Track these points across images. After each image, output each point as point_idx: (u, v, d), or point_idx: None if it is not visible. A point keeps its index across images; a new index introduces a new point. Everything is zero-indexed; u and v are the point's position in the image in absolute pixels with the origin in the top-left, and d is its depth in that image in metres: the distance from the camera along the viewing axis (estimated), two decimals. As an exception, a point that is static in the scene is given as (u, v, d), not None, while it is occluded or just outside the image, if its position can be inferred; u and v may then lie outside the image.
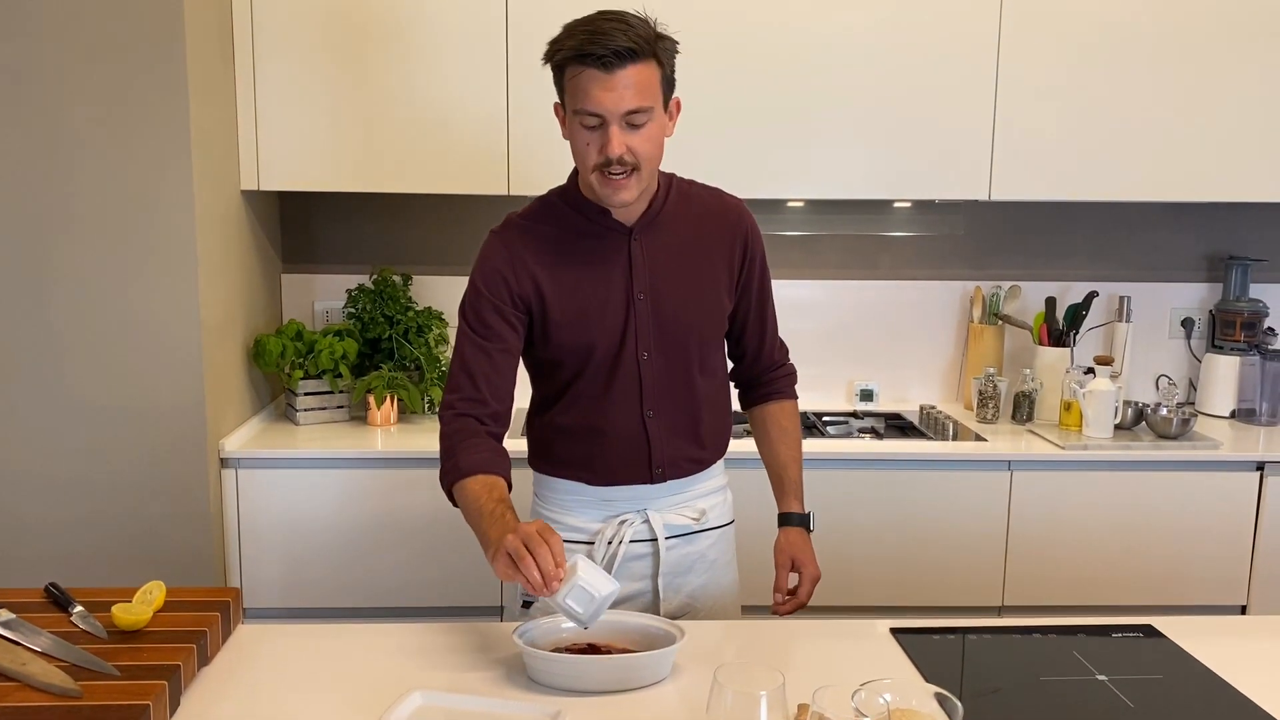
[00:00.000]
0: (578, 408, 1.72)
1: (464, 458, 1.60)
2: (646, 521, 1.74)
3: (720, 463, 1.84)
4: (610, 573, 1.71)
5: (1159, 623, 1.63)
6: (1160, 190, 2.75)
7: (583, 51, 1.51)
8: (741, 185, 2.67)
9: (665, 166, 1.72)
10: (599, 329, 1.67)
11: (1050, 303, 2.99)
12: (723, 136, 2.65)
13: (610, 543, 1.73)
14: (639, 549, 1.74)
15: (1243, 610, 2.65)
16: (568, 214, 1.70)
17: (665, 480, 1.74)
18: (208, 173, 2.40)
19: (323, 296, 3.03)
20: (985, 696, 1.41)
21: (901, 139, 2.68)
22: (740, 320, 1.82)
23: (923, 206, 3.02)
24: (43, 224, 2.30)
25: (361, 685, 1.40)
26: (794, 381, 1.92)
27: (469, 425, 1.63)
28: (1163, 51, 2.67)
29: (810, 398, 3.07)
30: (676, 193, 1.74)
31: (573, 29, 1.55)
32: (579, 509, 1.76)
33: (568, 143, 1.66)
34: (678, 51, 1.61)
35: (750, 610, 1.86)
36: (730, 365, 1.88)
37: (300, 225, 3.02)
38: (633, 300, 1.67)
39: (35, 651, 1.34)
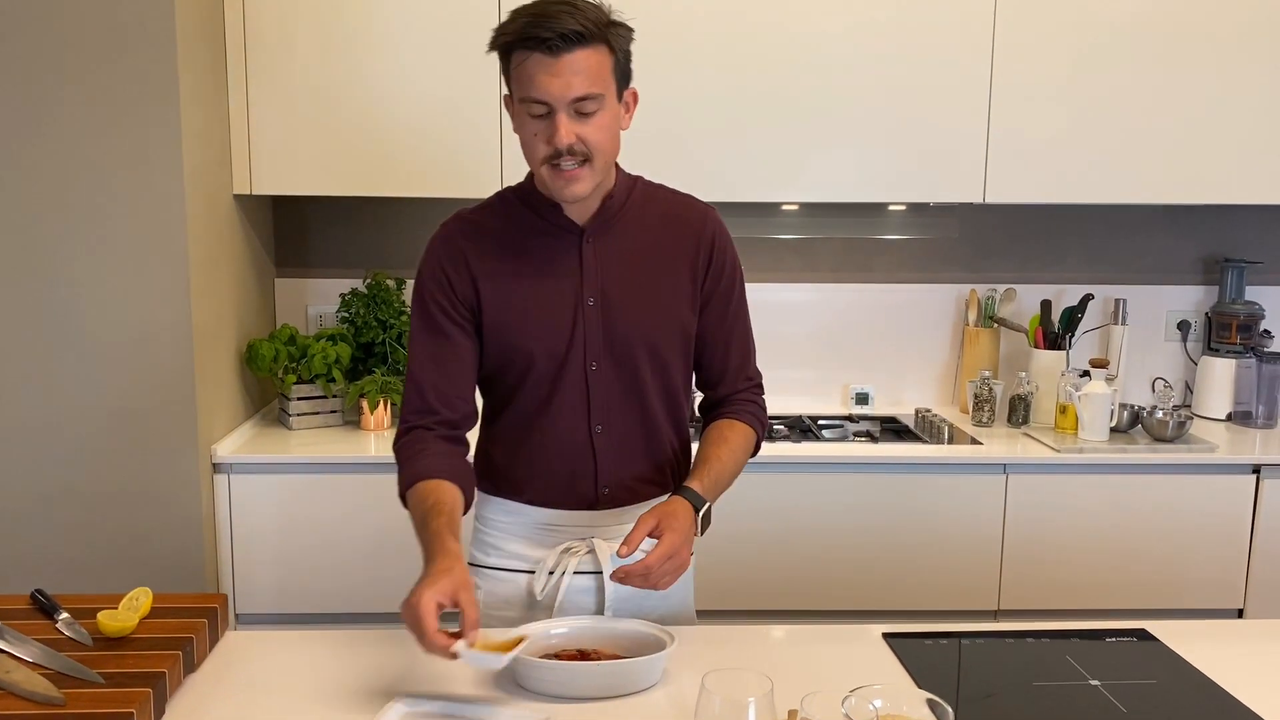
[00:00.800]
0: (521, 420, 1.62)
1: (404, 472, 1.55)
2: (592, 551, 1.61)
3: None
4: (555, 604, 1.59)
5: (1153, 627, 1.62)
6: (1156, 192, 2.74)
7: (526, 35, 1.44)
8: (736, 189, 2.69)
9: (656, 168, 1.70)
10: (542, 334, 1.57)
11: (1045, 305, 2.98)
12: (717, 140, 2.64)
13: (552, 573, 1.61)
14: (585, 580, 1.62)
15: (1239, 614, 2.64)
16: (518, 210, 1.61)
17: (613, 504, 1.63)
18: (199, 177, 2.39)
19: (316, 301, 3.02)
20: (977, 702, 1.40)
21: (896, 142, 2.68)
22: (699, 337, 1.67)
23: (917, 209, 3.01)
24: (34, 229, 2.29)
25: (351, 692, 1.39)
26: (758, 419, 1.71)
27: (416, 437, 1.57)
28: (1158, 54, 2.66)
29: (805, 401, 3.07)
30: (640, 194, 1.64)
31: (518, 13, 1.47)
32: (519, 534, 1.66)
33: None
34: (633, 39, 1.53)
35: (728, 615, 1.83)
36: (698, 396, 1.75)
37: (293, 229, 3.01)
38: (581, 305, 1.57)
39: (19, 659, 1.32)
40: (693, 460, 1.66)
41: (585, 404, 1.60)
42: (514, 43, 1.46)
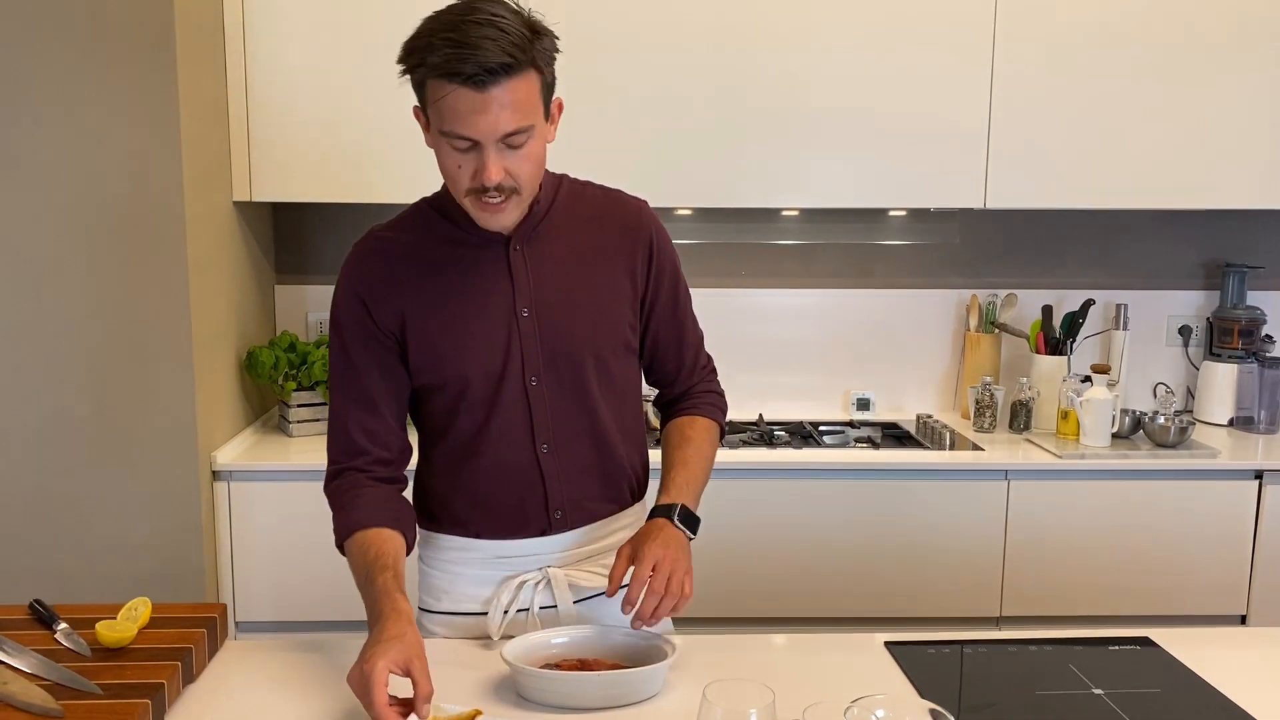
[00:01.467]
0: (459, 447, 1.53)
1: (339, 520, 1.49)
2: (548, 582, 1.54)
3: (639, 506, 1.64)
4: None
5: (1156, 635, 1.61)
6: (1157, 197, 2.74)
7: (450, 70, 1.31)
8: (736, 194, 2.68)
9: (657, 174, 1.69)
10: (475, 353, 1.48)
11: (1047, 311, 2.97)
12: (717, 146, 2.63)
13: (507, 611, 1.53)
14: (544, 616, 1.55)
15: (1243, 620, 2.63)
16: (437, 222, 1.51)
17: (568, 527, 1.56)
18: (199, 184, 2.39)
19: (316, 308, 3.01)
20: (980, 711, 1.39)
21: (896, 147, 2.67)
22: (651, 339, 1.60)
23: (918, 215, 3.00)
24: (32, 236, 2.28)
25: (350, 702, 1.38)
26: (717, 406, 1.67)
27: (350, 481, 1.50)
28: (1158, 58, 2.66)
29: (806, 407, 3.06)
30: (567, 194, 1.54)
31: (434, 33, 1.33)
32: (468, 572, 1.57)
33: (561, 148, 1.54)
34: (558, 50, 1.40)
35: (729, 623, 1.81)
36: (650, 394, 1.70)
37: (293, 236, 3.01)
38: (515, 318, 1.48)
39: (17, 670, 1.32)
40: (662, 470, 1.59)
41: (528, 423, 1.51)
42: (433, 75, 1.35)
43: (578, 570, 1.57)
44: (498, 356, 1.49)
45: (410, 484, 1.61)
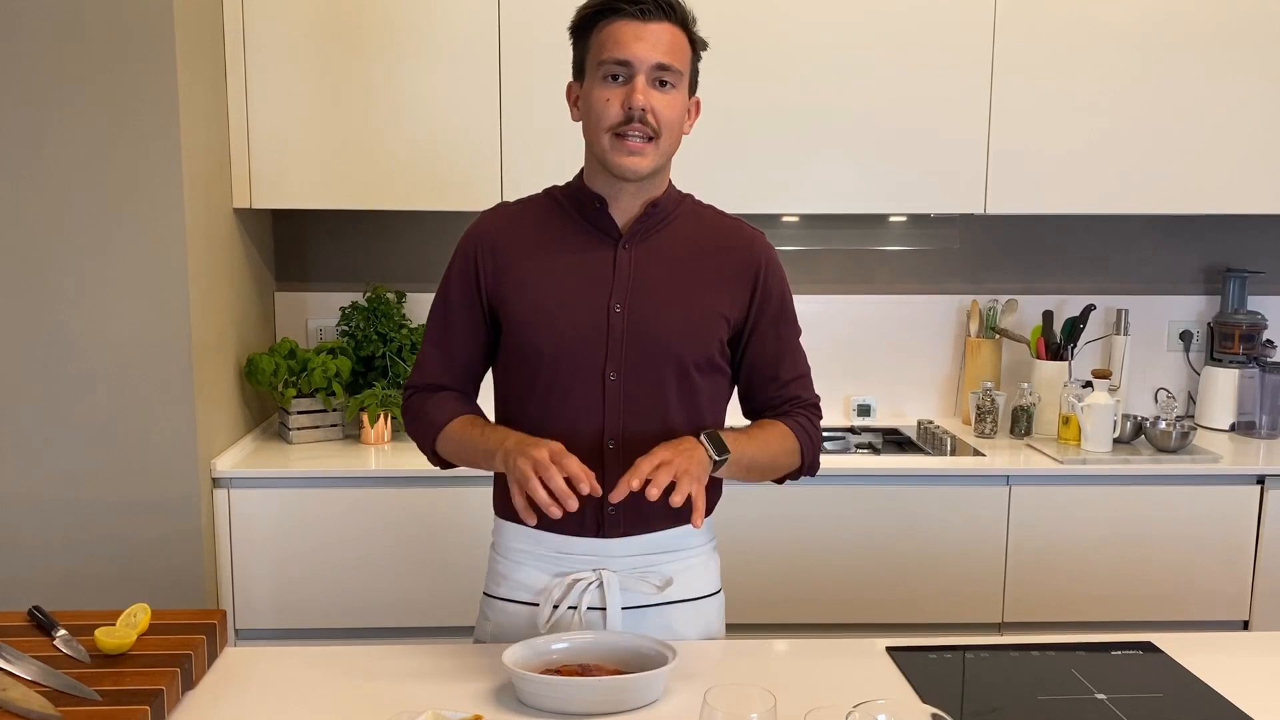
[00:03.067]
0: (532, 430, 1.54)
1: (436, 415, 1.60)
2: (600, 584, 1.56)
3: (704, 530, 1.63)
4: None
5: (1159, 640, 1.61)
6: (1157, 203, 2.74)
7: (616, 6, 1.47)
8: (737, 200, 2.66)
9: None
10: (559, 335, 1.53)
11: (1047, 316, 2.97)
12: (717, 150, 2.64)
13: (557, 606, 1.55)
14: (591, 616, 1.56)
15: (1245, 626, 2.62)
16: (561, 206, 1.60)
17: (620, 531, 1.56)
18: (199, 191, 2.39)
19: (316, 314, 3.02)
20: (982, 717, 1.39)
21: (897, 153, 2.68)
22: (747, 367, 1.63)
23: (918, 221, 3.01)
24: (33, 243, 2.28)
25: (350, 708, 1.37)
26: (805, 428, 1.64)
27: (418, 400, 1.64)
28: (1158, 64, 2.66)
29: (807, 413, 3.05)
30: (688, 210, 1.62)
31: None
32: (529, 562, 1.60)
33: (562, 155, 1.57)
34: (706, 47, 1.58)
35: (730, 629, 1.79)
36: (742, 406, 1.70)
37: (293, 243, 3.01)
38: (608, 312, 1.53)
39: (16, 677, 1.31)
40: None
41: (600, 416, 1.54)
42: (604, 9, 1.48)
43: (632, 577, 1.58)
44: (580, 342, 1.54)
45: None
